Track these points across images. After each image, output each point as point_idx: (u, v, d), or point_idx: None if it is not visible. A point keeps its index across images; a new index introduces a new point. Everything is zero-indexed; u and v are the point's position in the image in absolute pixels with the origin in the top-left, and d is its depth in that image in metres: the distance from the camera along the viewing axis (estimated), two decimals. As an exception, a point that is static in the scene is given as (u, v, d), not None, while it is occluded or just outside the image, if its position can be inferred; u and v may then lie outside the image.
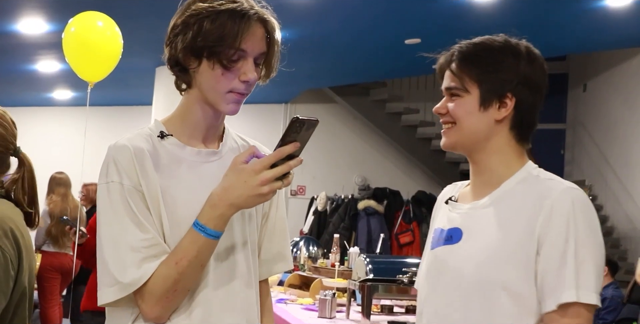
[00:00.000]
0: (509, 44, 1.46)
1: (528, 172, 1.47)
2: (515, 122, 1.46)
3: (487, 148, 1.47)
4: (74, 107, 10.53)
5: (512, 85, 1.43)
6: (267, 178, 1.27)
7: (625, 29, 6.91)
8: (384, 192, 8.90)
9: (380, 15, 6.45)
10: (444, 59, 1.51)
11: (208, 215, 1.31)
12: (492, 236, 1.41)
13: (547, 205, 1.36)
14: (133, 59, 7.68)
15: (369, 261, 3.28)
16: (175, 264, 1.31)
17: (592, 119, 9.46)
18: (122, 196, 1.34)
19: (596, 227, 1.38)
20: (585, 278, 1.33)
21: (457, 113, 1.46)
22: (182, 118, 1.45)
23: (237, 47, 1.34)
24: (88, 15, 4.67)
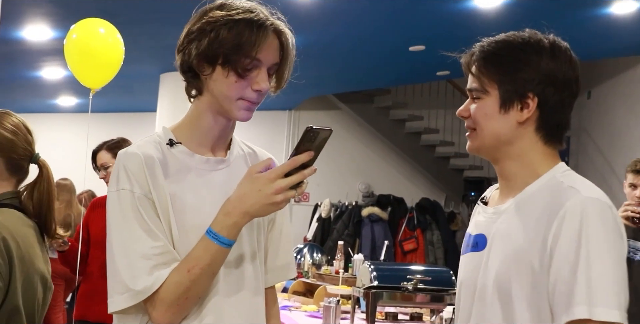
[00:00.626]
0: (532, 40, 1.39)
1: (553, 176, 1.38)
2: (541, 123, 1.38)
3: (511, 153, 1.40)
4: (78, 113, 10.56)
5: (534, 84, 1.36)
6: (281, 187, 1.28)
7: (630, 36, 6.91)
8: (387, 199, 8.89)
9: (384, 22, 6.46)
10: (465, 58, 1.46)
11: (222, 223, 1.31)
12: (511, 245, 1.35)
13: (560, 215, 1.28)
14: (137, 66, 7.70)
15: (373, 268, 3.27)
16: (187, 272, 1.31)
17: (596, 127, 9.44)
18: (132, 203, 1.34)
19: (615, 240, 1.28)
20: (602, 294, 1.23)
21: (477, 116, 1.40)
22: (191, 125, 1.45)
23: (253, 56, 1.35)
24: (90, 22, 4.69)
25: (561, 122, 1.40)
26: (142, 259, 1.32)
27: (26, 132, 1.85)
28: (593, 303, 1.22)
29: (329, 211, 9.03)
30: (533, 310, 1.30)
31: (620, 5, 5.91)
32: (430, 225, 8.59)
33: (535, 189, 1.37)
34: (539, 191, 1.36)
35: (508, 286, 1.33)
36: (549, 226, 1.29)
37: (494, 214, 1.43)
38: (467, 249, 1.48)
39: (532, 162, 1.39)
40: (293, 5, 5.77)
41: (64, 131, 10.94)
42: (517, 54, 1.38)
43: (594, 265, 1.24)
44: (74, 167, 7.71)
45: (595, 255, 1.25)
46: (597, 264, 1.24)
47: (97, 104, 5.29)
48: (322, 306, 3.66)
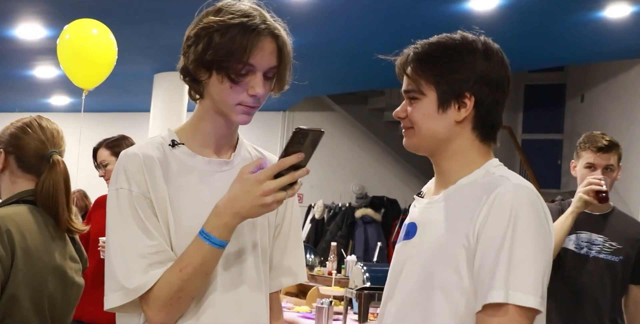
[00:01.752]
0: (465, 42, 1.41)
1: (486, 171, 1.40)
2: (477, 122, 1.41)
3: (449, 150, 1.42)
4: (71, 113, 10.53)
5: (470, 84, 1.38)
6: (269, 189, 1.27)
7: (624, 40, 6.94)
8: (381, 201, 8.90)
9: (378, 24, 6.47)
10: (400, 60, 1.49)
11: (213, 223, 1.31)
12: (439, 233, 1.36)
13: (489, 201, 1.30)
14: (131, 66, 7.69)
15: (366, 269, 3.27)
16: (179, 272, 1.32)
17: (589, 130, 9.42)
18: (130, 202, 1.36)
19: (541, 228, 1.29)
20: (521, 279, 1.23)
21: (415, 117, 1.42)
22: (194, 127, 1.46)
23: (245, 61, 1.35)
24: (83, 22, 4.68)
25: (495, 121, 1.42)
26: (137, 258, 1.32)
27: (38, 130, 1.93)
28: (511, 287, 1.23)
29: (323, 212, 9.03)
30: (453, 296, 1.31)
31: (613, 9, 5.94)
32: (423, 227, 8.60)
33: (468, 182, 1.40)
34: (470, 183, 1.39)
35: (431, 272, 1.34)
36: (478, 211, 1.30)
37: (427, 204, 1.45)
38: (400, 238, 1.50)
39: (467, 159, 1.42)
40: (288, 7, 5.77)
41: (57, 131, 10.89)
42: (452, 55, 1.40)
43: (517, 250, 1.25)
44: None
45: (519, 240, 1.25)
46: (520, 249, 1.25)
47: (91, 104, 5.29)
48: (314, 307, 3.66)
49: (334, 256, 4.76)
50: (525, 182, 1.35)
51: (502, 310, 1.24)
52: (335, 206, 9.05)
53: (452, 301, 1.31)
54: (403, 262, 1.44)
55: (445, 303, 1.32)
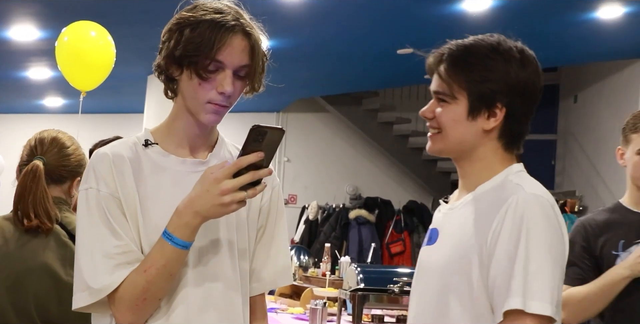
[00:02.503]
0: (502, 48, 1.39)
1: (505, 176, 1.41)
2: (504, 131, 1.41)
3: (473, 156, 1.43)
4: (65, 114, 10.50)
5: (503, 95, 1.37)
6: (227, 188, 1.26)
7: (616, 41, 6.96)
8: (375, 202, 8.90)
9: (372, 25, 6.47)
10: (433, 59, 1.46)
11: (175, 224, 1.31)
12: (456, 241, 1.38)
13: (502, 210, 1.31)
14: (125, 67, 7.67)
15: (360, 271, 3.27)
16: (143, 272, 1.31)
17: (582, 130, 9.50)
18: (98, 202, 1.35)
19: (554, 236, 1.30)
20: (537, 288, 1.25)
21: (444, 121, 1.41)
22: (169, 127, 1.45)
23: (212, 57, 1.33)
24: (81, 24, 4.68)
25: (522, 131, 1.43)
26: (104, 258, 1.32)
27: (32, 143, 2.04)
28: (528, 295, 1.24)
29: (317, 213, 9.02)
30: (467, 303, 1.32)
31: (606, 10, 5.96)
32: (418, 227, 8.60)
33: (488, 188, 1.40)
34: (490, 190, 1.39)
35: (447, 278, 1.35)
36: (491, 220, 1.31)
37: (449, 210, 1.47)
38: (424, 243, 1.51)
39: (490, 165, 1.42)
40: (282, 8, 5.77)
41: (50, 132, 10.85)
42: (487, 63, 1.38)
43: (532, 259, 1.26)
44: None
45: (534, 250, 1.26)
46: (534, 258, 1.26)
47: (85, 105, 5.25)
48: (308, 308, 3.66)
49: (328, 257, 4.76)
50: (539, 190, 1.35)
51: (519, 319, 1.25)
52: (329, 207, 9.04)
53: (466, 309, 1.32)
54: (424, 268, 1.46)
55: (459, 310, 1.33)
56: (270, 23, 1.46)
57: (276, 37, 1.51)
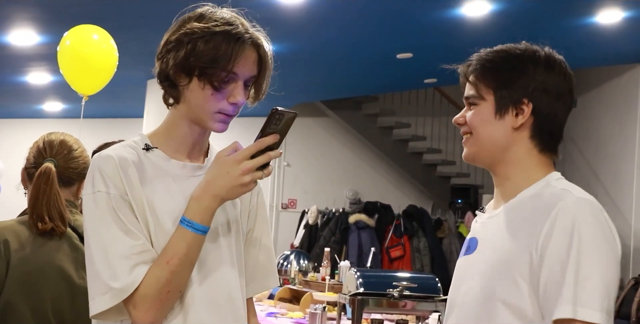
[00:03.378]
0: (528, 51, 1.44)
1: (547, 183, 1.40)
2: (535, 130, 1.42)
3: (507, 159, 1.43)
4: (64, 119, 10.51)
5: (528, 91, 1.40)
6: (248, 168, 1.31)
7: (615, 46, 6.97)
8: (375, 206, 8.89)
9: (372, 30, 6.48)
10: (463, 68, 1.49)
11: (194, 209, 1.33)
12: (500, 247, 1.37)
13: (553, 214, 1.30)
14: (124, 72, 7.67)
15: (360, 275, 3.27)
16: (166, 264, 1.32)
17: (582, 135, 9.51)
18: (109, 205, 1.35)
19: (606, 241, 1.29)
20: (588, 295, 1.24)
21: (473, 122, 1.44)
22: (167, 133, 1.46)
23: (229, 70, 1.36)
24: (83, 28, 4.68)
25: (554, 131, 1.43)
26: (121, 259, 1.32)
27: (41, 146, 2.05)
28: (578, 303, 1.24)
29: (316, 217, 9.02)
30: (515, 312, 1.31)
31: (605, 15, 5.97)
32: (417, 232, 8.60)
33: (529, 195, 1.40)
34: (532, 197, 1.39)
35: (492, 287, 1.34)
36: (541, 225, 1.30)
37: (488, 218, 1.46)
38: (462, 254, 1.51)
39: (528, 168, 1.42)
40: (281, 12, 5.78)
41: (50, 137, 10.86)
42: (514, 63, 1.42)
43: (583, 266, 1.25)
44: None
45: (585, 256, 1.26)
46: (586, 265, 1.25)
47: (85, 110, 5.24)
48: (308, 312, 3.66)
49: (328, 262, 4.76)
50: (587, 195, 1.35)
51: None
52: (329, 212, 9.04)
53: (515, 315, 1.32)
54: (463, 277, 1.45)
55: (508, 316, 1.32)
56: (270, 27, 1.47)
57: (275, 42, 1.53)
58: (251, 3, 1.49)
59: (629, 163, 7.90)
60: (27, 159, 2.04)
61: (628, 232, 7.95)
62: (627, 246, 7.97)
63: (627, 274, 7.64)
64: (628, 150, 7.97)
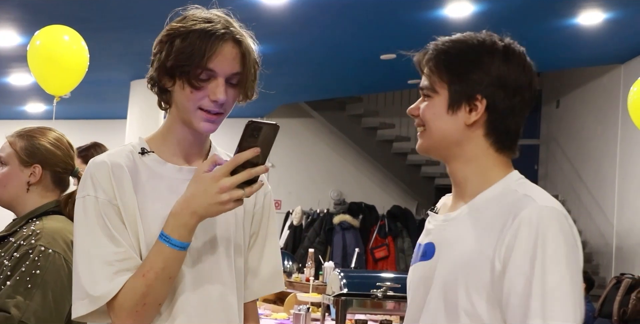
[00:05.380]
0: (486, 42, 1.35)
1: (506, 184, 1.33)
2: (490, 128, 1.33)
3: (462, 156, 1.35)
4: (47, 120, 10.43)
5: (483, 86, 1.31)
6: (225, 186, 1.25)
7: (597, 46, 7.03)
8: (359, 207, 8.91)
9: (355, 31, 6.49)
10: (417, 57, 1.41)
11: (171, 225, 1.30)
12: (460, 255, 1.30)
13: (515, 224, 1.23)
14: (108, 73, 7.64)
15: (343, 276, 3.27)
16: (142, 276, 1.30)
17: (565, 135, 9.58)
18: (96, 209, 1.34)
19: (571, 251, 1.23)
20: (557, 307, 1.19)
21: (425, 115, 1.36)
22: (163, 136, 1.45)
23: (204, 66, 1.33)
24: (53, 29, 4.64)
25: (511, 129, 1.35)
26: (103, 265, 1.31)
27: (68, 147, 2.01)
28: (548, 316, 1.19)
29: (301, 218, 9.01)
30: (478, 320, 1.26)
31: (586, 16, 6.02)
32: (402, 232, 8.62)
33: (488, 197, 1.33)
34: (491, 199, 1.32)
35: (455, 296, 1.28)
36: (502, 235, 1.25)
37: (444, 221, 1.38)
38: (417, 259, 1.43)
39: (485, 168, 1.35)
40: (265, 13, 5.77)
41: (32, 138, 10.79)
42: (468, 55, 1.33)
43: (549, 277, 1.20)
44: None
45: (550, 267, 1.21)
46: (552, 276, 1.20)
47: (67, 111, 5.23)
48: (292, 313, 3.65)
49: (312, 263, 4.76)
50: (551, 202, 1.27)
51: None
52: (314, 212, 9.04)
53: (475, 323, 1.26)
54: (424, 285, 1.36)
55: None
56: (253, 28, 1.46)
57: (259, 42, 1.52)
58: (234, 4, 1.49)
59: (610, 163, 7.97)
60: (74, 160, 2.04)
61: (610, 232, 8.02)
62: (610, 245, 8.03)
63: (609, 273, 7.70)
64: (610, 150, 8.03)
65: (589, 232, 8.54)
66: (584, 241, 8.63)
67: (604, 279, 7.53)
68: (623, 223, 7.71)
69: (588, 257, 8.48)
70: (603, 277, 7.75)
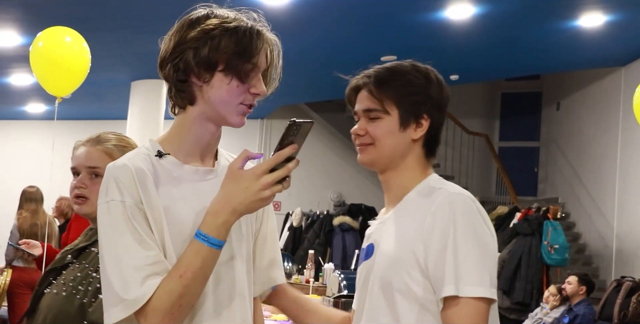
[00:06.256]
0: (420, 69, 1.57)
1: (427, 184, 1.55)
2: (427, 139, 1.57)
3: (401, 166, 1.57)
4: (47, 121, 10.44)
5: (426, 107, 1.54)
6: (268, 182, 1.29)
7: (597, 49, 7.03)
8: (359, 209, 8.90)
9: (356, 32, 6.50)
10: (358, 81, 1.63)
11: (211, 224, 1.31)
12: (392, 246, 1.50)
13: (432, 210, 1.45)
14: (108, 73, 7.64)
15: (343, 277, 3.27)
16: (179, 278, 1.29)
17: (565, 138, 9.58)
18: (124, 214, 1.33)
19: (478, 227, 1.44)
20: (468, 273, 1.39)
21: (377, 134, 1.55)
22: (180, 136, 1.45)
23: (254, 62, 1.40)
24: (56, 30, 4.65)
25: (438, 140, 1.60)
26: (134, 270, 1.30)
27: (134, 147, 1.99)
28: (460, 282, 1.39)
29: (301, 220, 9.01)
30: (413, 299, 1.44)
31: (587, 19, 6.02)
32: (401, 234, 8.62)
33: (412, 197, 1.54)
34: (414, 198, 1.54)
35: (390, 281, 1.47)
36: (423, 221, 1.46)
37: (380, 224, 1.59)
38: (361, 261, 1.60)
39: (416, 173, 1.57)
40: (265, 15, 5.77)
41: (33, 139, 10.80)
42: (410, 79, 1.55)
43: (460, 249, 1.41)
44: (40, 175, 7.61)
45: (461, 240, 1.42)
46: (462, 248, 1.41)
47: (67, 112, 5.23)
48: (292, 315, 3.64)
49: (312, 264, 4.76)
50: (461, 190, 1.50)
51: (457, 303, 1.40)
52: (313, 214, 9.04)
53: (411, 302, 1.45)
54: (366, 282, 1.54)
55: (406, 305, 1.45)
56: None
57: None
58: (234, 5, 1.49)
59: (611, 165, 7.97)
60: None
61: (610, 234, 8.01)
62: (610, 248, 8.03)
63: (609, 276, 7.70)
64: (610, 152, 8.03)
65: (589, 234, 8.54)
66: (584, 243, 8.63)
67: (604, 282, 7.52)
68: (623, 226, 7.71)
69: (588, 260, 8.48)
70: (603, 280, 7.74)
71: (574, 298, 5.76)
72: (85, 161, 1.85)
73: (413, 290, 1.44)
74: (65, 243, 3.46)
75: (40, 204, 6.06)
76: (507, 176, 9.21)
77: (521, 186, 9.43)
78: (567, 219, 8.78)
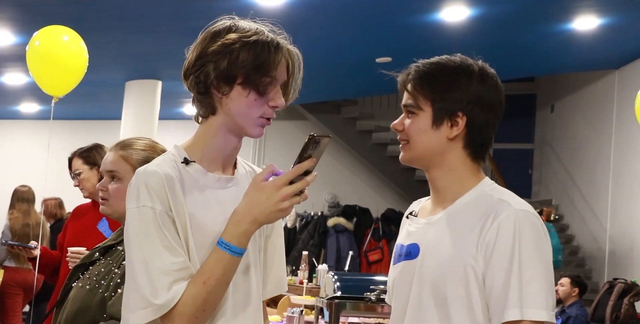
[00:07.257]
0: (463, 64, 1.52)
1: (482, 190, 1.51)
2: (468, 140, 1.51)
3: (443, 165, 1.52)
4: (40, 120, 10.41)
5: (463, 104, 1.49)
6: (287, 193, 1.34)
7: (592, 52, 7.05)
8: (353, 210, 8.91)
9: (351, 34, 6.50)
10: (401, 77, 1.58)
11: (232, 232, 1.36)
12: (445, 253, 1.47)
13: (494, 226, 1.43)
14: (103, 73, 7.62)
15: (337, 279, 3.27)
16: (203, 284, 1.35)
17: (559, 140, 9.60)
18: (154, 220, 1.38)
19: (543, 248, 1.43)
20: (533, 297, 1.39)
21: (410, 131, 1.53)
22: (204, 144, 1.49)
23: (272, 75, 1.44)
24: (53, 29, 4.63)
25: (485, 141, 1.54)
26: (162, 275, 1.35)
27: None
28: (524, 305, 1.38)
29: (295, 221, 9.01)
30: (468, 311, 1.44)
31: (581, 22, 6.04)
32: (396, 236, 8.58)
33: (466, 202, 1.51)
34: (469, 204, 1.50)
35: (444, 290, 1.45)
36: (482, 234, 1.44)
37: (426, 224, 1.55)
38: (400, 259, 1.59)
39: (462, 176, 1.53)
40: (260, 15, 5.77)
41: (26, 139, 10.77)
42: (450, 76, 1.51)
43: (525, 271, 1.40)
44: (34, 175, 7.59)
45: (526, 262, 1.40)
46: (528, 270, 1.40)
47: (61, 111, 5.22)
48: (285, 316, 3.65)
49: (306, 265, 4.76)
50: (524, 205, 1.47)
51: None
52: (308, 215, 9.04)
53: (468, 316, 1.44)
54: (409, 283, 1.52)
55: (462, 318, 1.44)
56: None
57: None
58: (229, 6, 1.49)
59: (604, 168, 7.99)
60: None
61: (604, 237, 8.03)
62: (603, 250, 8.05)
63: (602, 277, 7.72)
64: (604, 155, 8.05)
65: (582, 236, 8.56)
66: (577, 245, 8.65)
67: (597, 284, 7.54)
68: (616, 228, 7.73)
69: (581, 261, 8.50)
70: (596, 282, 7.76)
71: (566, 300, 5.77)
72: (105, 164, 1.99)
73: (471, 305, 1.43)
74: (61, 243, 3.43)
75: (32, 204, 6.04)
76: (501, 178, 9.22)
77: (515, 188, 9.33)
78: (561, 221, 8.80)
